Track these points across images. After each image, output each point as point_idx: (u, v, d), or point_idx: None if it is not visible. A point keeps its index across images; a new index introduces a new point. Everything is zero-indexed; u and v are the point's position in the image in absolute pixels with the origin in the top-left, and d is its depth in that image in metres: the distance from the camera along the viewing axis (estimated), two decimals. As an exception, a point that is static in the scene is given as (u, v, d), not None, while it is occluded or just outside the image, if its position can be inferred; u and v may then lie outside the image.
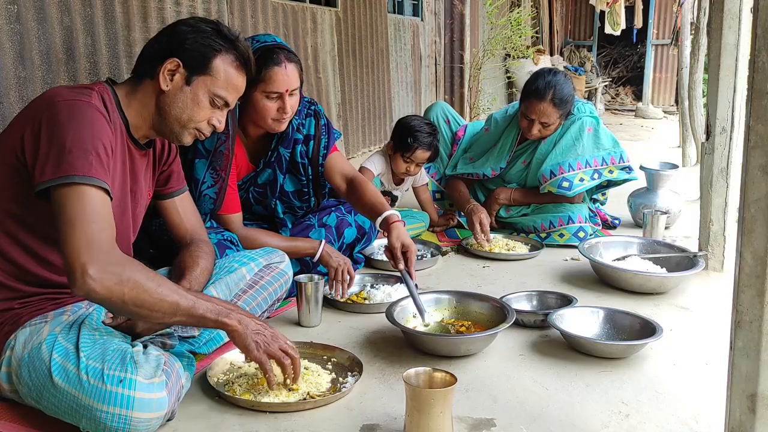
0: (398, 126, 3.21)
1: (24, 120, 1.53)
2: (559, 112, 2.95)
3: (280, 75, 2.13)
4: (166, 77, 1.63)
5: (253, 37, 2.23)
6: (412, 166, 3.17)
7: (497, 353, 1.95)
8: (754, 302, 1.08)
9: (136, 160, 1.71)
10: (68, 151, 1.42)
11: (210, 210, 2.24)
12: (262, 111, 2.17)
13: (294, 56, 2.18)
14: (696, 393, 1.72)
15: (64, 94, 1.52)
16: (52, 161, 1.42)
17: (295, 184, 2.46)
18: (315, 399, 1.63)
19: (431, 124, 3.22)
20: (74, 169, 1.41)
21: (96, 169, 1.44)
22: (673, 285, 2.47)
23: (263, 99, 2.15)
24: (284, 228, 2.50)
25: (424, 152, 3.13)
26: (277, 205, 2.46)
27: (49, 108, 1.49)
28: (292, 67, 2.16)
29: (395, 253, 2.15)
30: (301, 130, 2.40)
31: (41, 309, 1.59)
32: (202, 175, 2.20)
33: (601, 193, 3.38)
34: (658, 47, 11.64)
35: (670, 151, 6.24)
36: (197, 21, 1.70)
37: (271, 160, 2.39)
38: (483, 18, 7.85)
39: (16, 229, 1.55)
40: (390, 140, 3.24)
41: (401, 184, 3.36)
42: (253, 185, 2.43)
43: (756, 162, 1.06)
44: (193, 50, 1.64)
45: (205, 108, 1.67)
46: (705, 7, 4.60)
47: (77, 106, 1.50)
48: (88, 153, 1.44)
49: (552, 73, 2.99)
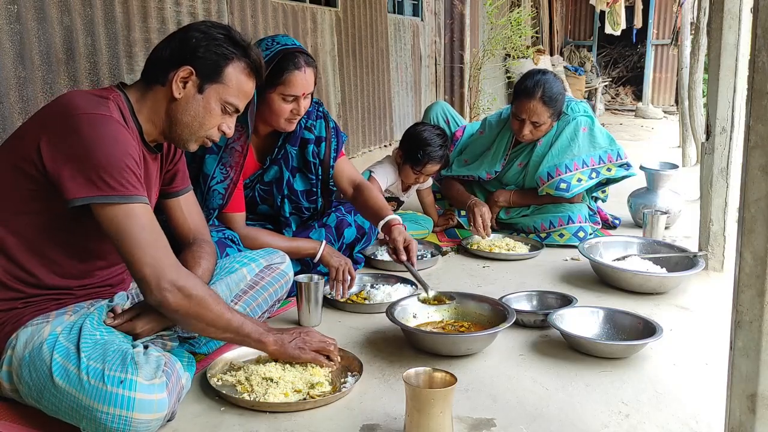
0: (409, 137, 3.13)
1: (39, 127, 1.51)
2: (549, 110, 2.94)
3: (299, 79, 2.16)
4: (179, 85, 1.62)
5: (273, 38, 2.25)
6: (421, 178, 3.16)
7: (497, 353, 1.96)
8: (754, 302, 1.08)
9: (149, 166, 1.71)
10: (103, 168, 1.45)
11: (219, 205, 2.25)
12: (277, 111, 2.21)
13: (312, 60, 2.23)
14: (696, 393, 1.72)
15: (83, 107, 1.50)
16: (85, 178, 1.44)
17: (305, 184, 2.47)
18: (315, 399, 1.63)
19: (442, 134, 3.13)
20: (115, 189, 1.46)
21: (134, 185, 1.50)
22: (673, 285, 2.47)
23: (279, 100, 2.18)
24: (287, 228, 2.50)
25: (434, 165, 3.09)
26: (285, 204, 2.46)
27: (68, 120, 1.48)
28: (311, 71, 2.20)
29: (398, 246, 2.20)
30: (312, 131, 2.43)
31: (43, 309, 1.59)
32: (212, 170, 2.22)
33: (601, 191, 3.38)
34: (658, 47, 11.64)
35: (670, 151, 6.24)
36: (209, 27, 1.68)
37: (278, 158, 2.41)
38: (483, 18, 7.86)
39: (24, 232, 1.55)
40: (399, 149, 3.18)
41: (408, 190, 3.35)
42: (260, 183, 2.44)
43: (756, 162, 1.06)
44: (206, 58, 1.63)
45: (217, 115, 1.68)
46: (705, 7, 4.60)
47: (100, 121, 1.49)
48: (123, 170, 1.48)
49: (541, 72, 2.99)
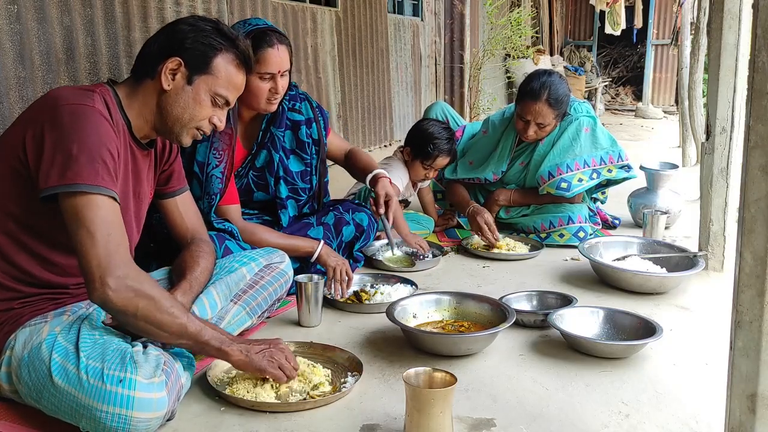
0: (416, 132, 3.17)
1: (26, 122, 1.52)
2: (554, 112, 2.95)
3: (273, 56, 2.20)
4: (168, 77, 1.63)
5: (245, 21, 2.30)
6: (431, 172, 3.17)
7: (497, 353, 1.96)
8: (754, 302, 1.08)
9: (138, 161, 1.71)
10: (74, 158, 1.43)
11: (219, 189, 2.26)
12: (255, 92, 2.23)
13: (285, 38, 2.27)
14: (696, 393, 1.72)
15: (67, 98, 1.51)
16: (58, 167, 1.42)
17: (300, 165, 2.51)
18: (315, 399, 1.63)
19: (448, 128, 3.17)
20: (81, 178, 1.42)
21: (103, 177, 1.46)
22: (673, 285, 2.47)
23: (257, 80, 2.22)
24: (284, 210, 2.51)
25: (444, 159, 3.12)
26: (281, 186, 2.48)
27: (51, 111, 1.49)
28: (284, 48, 2.24)
29: (378, 200, 2.38)
30: (301, 112, 2.49)
31: (41, 309, 1.59)
32: (205, 157, 2.23)
33: (600, 192, 3.38)
34: (658, 47, 11.64)
35: (670, 151, 6.24)
36: (197, 20, 1.69)
37: (265, 141, 2.45)
38: (483, 18, 7.86)
39: (16, 230, 1.55)
40: (406, 146, 3.20)
41: (415, 187, 3.35)
42: (252, 169, 2.46)
43: (756, 162, 1.06)
44: (194, 49, 1.64)
45: (207, 107, 1.68)
46: (705, 7, 4.60)
47: (81, 111, 1.49)
48: (94, 161, 1.45)
49: (547, 73, 2.99)
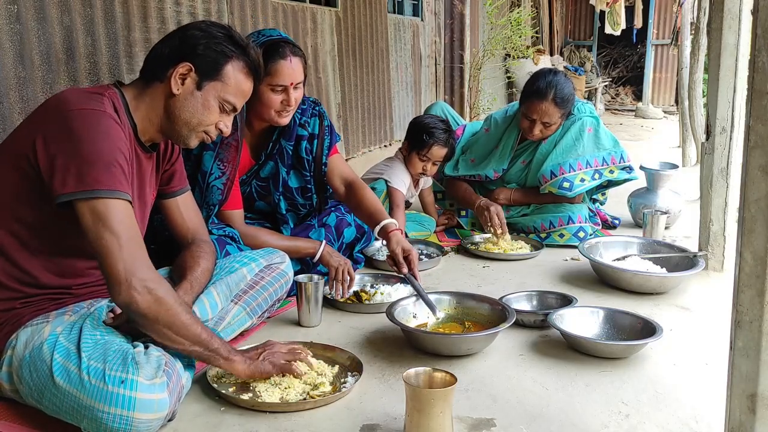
0: (412, 125, 3.20)
1: (35, 125, 1.52)
2: (560, 111, 2.96)
3: (285, 68, 2.17)
4: (178, 81, 1.64)
5: (259, 31, 2.28)
6: (428, 165, 3.14)
7: (497, 353, 1.96)
8: (754, 302, 1.08)
9: (143, 164, 1.71)
10: (90, 163, 1.44)
11: (219, 201, 2.25)
12: (267, 103, 2.21)
13: (299, 50, 2.23)
14: (696, 393, 1.72)
15: (76, 102, 1.51)
16: (74, 173, 1.43)
17: (300, 181, 2.48)
18: (315, 399, 1.63)
19: (445, 121, 3.19)
20: (100, 183, 1.44)
21: (120, 181, 1.47)
22: (673, 285, 2.47)
23: (268, 92, 2.19)
24: (285, 225, 2.51)
25: (440, 149, 3.10)
26: (281, 201, 2.47)
27: (62, 116, 1.49)
28: (297, 60, 2.21)
29: (397, 259, 2.26)
30: (306, 128, 2.44)
31: (43, 309, 1.59)
32: (209, 166, 2.23)
33: (600, 193, 3.39)
34: (658, 47, 11.63)
35: (670, 151, 6.24)
36: (209, 26, 1.70)
37: (273, 153, 2.42)
38: (483, 18, 7.85)
39: (22, 232, 1.55)
40: (404, 141, 3.21)
41: (417, 186, 3.33)
42: (256, 179, 2.45)
43: (756, 162, 1.06)
44: (205, 56, 1.64)
45: (215, 113, 1.69)
46: (705, 7, 4.60)
47: (92, 116, 1.50)
48: (110, 165, 1.46)
49: (552, 72, 3.00)
